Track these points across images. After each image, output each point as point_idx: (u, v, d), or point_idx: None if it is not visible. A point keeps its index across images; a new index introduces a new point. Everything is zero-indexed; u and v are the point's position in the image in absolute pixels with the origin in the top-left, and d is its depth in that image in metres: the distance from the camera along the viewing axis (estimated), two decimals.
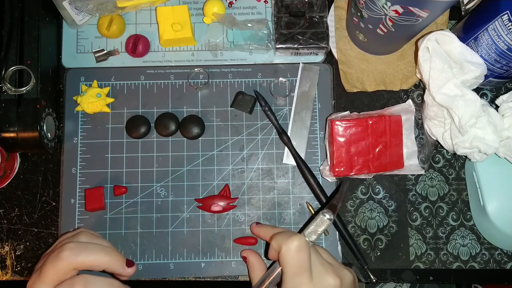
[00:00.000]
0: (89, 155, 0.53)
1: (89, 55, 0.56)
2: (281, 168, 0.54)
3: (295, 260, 0.40)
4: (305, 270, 0.39)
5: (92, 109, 0.52)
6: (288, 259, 0.40)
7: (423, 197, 0.54)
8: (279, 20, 0.54)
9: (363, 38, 0.52)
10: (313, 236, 0.41)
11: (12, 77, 0.48)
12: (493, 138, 0.47)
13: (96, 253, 0.40)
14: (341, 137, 0.50)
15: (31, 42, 0.49)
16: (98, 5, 0.51)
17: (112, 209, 0.53)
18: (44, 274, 0.38)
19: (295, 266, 0.40)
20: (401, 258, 0.53)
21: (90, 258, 0.39)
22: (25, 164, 0.54)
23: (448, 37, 0.47)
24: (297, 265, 0.39)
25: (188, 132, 0.53)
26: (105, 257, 0.40)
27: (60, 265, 0.38)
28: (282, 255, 0.40)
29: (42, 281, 0.38)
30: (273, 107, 0.54)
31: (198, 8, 0.57)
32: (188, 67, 0.55)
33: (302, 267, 0.39)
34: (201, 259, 0.52)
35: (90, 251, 0.39)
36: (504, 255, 0.53)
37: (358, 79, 0.54)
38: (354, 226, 0.53)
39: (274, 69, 0.55)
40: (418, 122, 0.54)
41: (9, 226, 0.52)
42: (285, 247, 0.40)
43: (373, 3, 0.43)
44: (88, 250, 0.39)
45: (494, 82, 0.52)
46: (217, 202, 0.52)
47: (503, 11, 0.44)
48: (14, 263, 0.52)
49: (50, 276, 0.38)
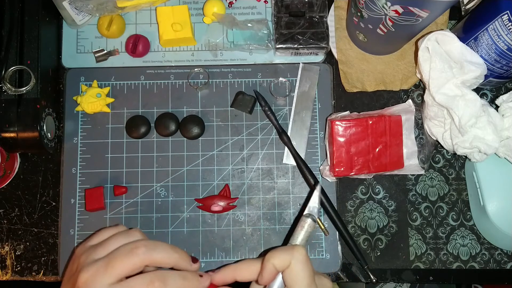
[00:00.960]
0: (89, 155, 0.53)
1: (89, 55, 0.56)
2: (281, 168, 0.54)
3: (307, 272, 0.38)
4: (313, 280, 0.38)
5: (92, 109, 0.52)
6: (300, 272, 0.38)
7: (423, 197, 0.54)
8: (279, 20, 0.54)
9: (363, 38, 0.52)
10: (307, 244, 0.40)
11: (12, 77, 0.48)
12: (493, 138, 0.47)
13: (168, 250, 0.40)
14: (341, 137, 0.50)
15: (31, 42, 0.49)
16: (98, 5, 0.51)
17: (112, 209, 0.53)
18: (114, 267, 0.38)
19: (307, 278, 0.38)
20: (401, 258, 0.53)
21: (163, 255, 0.40)
22: (25, 164, 0.54)
23: (448, 37, 0.47)
24: (309, 276, 0.38)
25: (188, 132, 0.53)
26: (175, 254, 0.41)
27: (134, 260, 0.39)
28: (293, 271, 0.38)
29: (110, 274, 0.38)
30: (273, 107, 0.54)
31: (198, 8, 0.57)
32: (188, 67, 0.55)
33: (312, 278, 0.38)
34: (201, 259, 0.52)
35: (162, 249, 0.40)
36: (504, 255, 0.53)
37: (358, 79, 0.54)
38: (354, 226, 0.53)
39: (274, 69, 0.56)
40: (418, 122, 0.54)
41: (9, 226, 0.52)
42: (295, 260, 0.37)
43: (373, 3, 0.43)
44: (160, 248, 0.40)
45: (494, 82, 0.52)
46: (217, 202, 0.52)
47: (503, 11, 0.44)
48: (14, 263, 0.52)
49: (121, 270, 0.38)
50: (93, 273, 0.39)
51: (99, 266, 0.39)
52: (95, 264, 0.40)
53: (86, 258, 0.41)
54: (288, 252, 0.38)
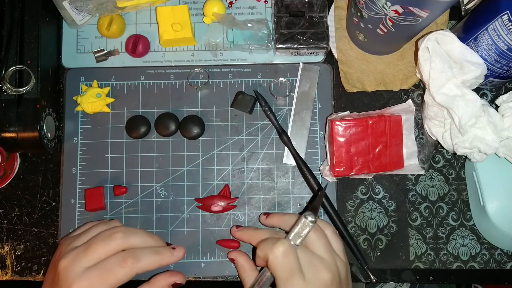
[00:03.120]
0: (89, 155, 0.53)
1: (89, 55, 0.56)
2: (281, 168, 0.54)
3: (284, 265, 0.40)
4: (296, 272, 0.40)
5: (92, 109, 0.52)
6: (277, 265, 0.40)
7: (423, 197, 0.54)
8: (279, 20, 0.54)
9: (363, 38, 0.52)
10: (298, 240, 0.41)
11: (12, 77, 0.48)
12: (493, 138, 0.47)
13: (144, 236, 0.43)
14: (341, 137, 0.50)
15: (31, 42, 0.49)
16: (98, 5, 0.51)
17: (112, 209, 0.53)
18: (93, 251, 0.41)
19: (285, 271, 0.40)
20: (401, 258, 0.53)
21: (139, 240, 0.43)
22: (25, 164, 0.54)
23: (448, 37, 0.47)
24: (286, 270, 0.40)
25: (188, 132, 0.53)
26: (151, 239, 0.44)
27: (112, 244, 0.42)
28: (270, 263, 0.40)
29: (89, 257, 0.41)
30: (273, 107, 0.54)
31: (198, 8, 0.57)
32: (188, 67, 0.55)
33: (292, 271, 0.40)
34: (201, 259, 0.52)
35: (139, 235, 0.43)
36: (504, 255, 0.53)
37: (358, 79, 0.54)
38: (354, 226, 0.53)
39: (274, 69, 0.56)
40: (418, 122, 0.54)
41: (9, 226, 0.52)
42: (272, 255, 0.40)
43: (373, 3, 0.43)
44: (137, 233, 0.43)
45: (494, 82, 0.52)
46: (217, 202, 0.52)
47: (503, 11, 0.44)
48: (14, 263, 0.52)
49: (99, 254, 0.41)
50: (72, 258, 0.41)
51: (78, 251, 0.42)
52: (75, 250, 0.42)
53: (67, 246, 0.43)
54: (269, 246, 0.40)
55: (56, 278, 0.41)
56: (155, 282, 0.44)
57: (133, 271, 0.41)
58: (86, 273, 0.40)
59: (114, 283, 0.41)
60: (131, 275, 0.41)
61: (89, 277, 0.40)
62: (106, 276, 0.40)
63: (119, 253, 0.41)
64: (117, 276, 0.41)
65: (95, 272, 0.40)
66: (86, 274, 0.40)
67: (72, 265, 0.41)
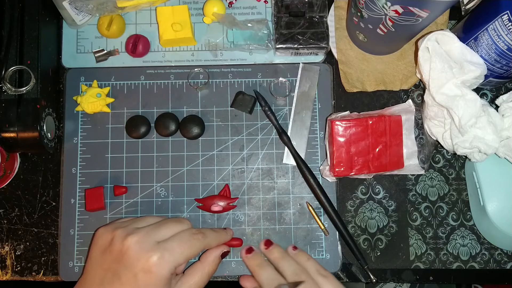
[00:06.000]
0: (89, 155, 0.53)
1: (89, 55, 0.56)
2: (281, 168, 0.54)
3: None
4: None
5: (92, 109, 0.52)
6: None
7: (423, 197, 0.54)
8: (279, 20, 0.54)
9: (363, 38, 0.52)
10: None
11: (12, 77, 0.48)
12: (493, 138, 0.47)
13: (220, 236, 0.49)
14: (341, 137, 0.50)
15: (31, 42, 0.49)
16: (98, 5, 0.51)
17: (112, 209, 0.53)
18: (167, 227, 0.45)
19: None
20: (401, 258, 0.53)
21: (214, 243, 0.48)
22: (25, 164, 0.54)
23: (448, 37, 0.47)
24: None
25: (188, 132, 0.53)
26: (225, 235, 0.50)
27: (184, 223, 0.47)
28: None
29: (164, 231, 0.44)
30: (273, 107, 0.54)
31: (198, 8, 0.57)
32: (188, 67, 0.55)
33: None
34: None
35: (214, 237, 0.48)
36: (504, 255, 0.53)
37: (358, 79, 0.54)
38: (354, 226, 0.53)
39: (274, 69, 0.56)
40: (418, 122, 0.54)
41: (9, 226, 0.52)
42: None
43: (373, 3, 0.43)
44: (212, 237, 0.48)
45: (494, 82, 0.52)
46: (217, 202, 0.52)
47: (503, 11, 0.44)
48: (14, 263, 0.52)
49: (173, 230, 0.45)
50: (144, 234, 0.43)
51: (149, 229, 0.44)
52: (144, 228, 0.44)
53: (125, 228, 0.44)
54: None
55: (125, 257, 0.42)
56: (206, 258, 0.47)
57: (203, 244, 0.45)
58: (163, 244, 0.43)
59: (190, 254, 0.44)
60: (201, 248, 0.45)
61: (169, 248, 0.42)
62: (184, 245, 0.43)
63: (190, 229, 0.46)
64: (193, 248, 0.44)
65: (174, 242, 0.43)
66: (164, 244, 0.43)
67: (146, 239, 0.43)
